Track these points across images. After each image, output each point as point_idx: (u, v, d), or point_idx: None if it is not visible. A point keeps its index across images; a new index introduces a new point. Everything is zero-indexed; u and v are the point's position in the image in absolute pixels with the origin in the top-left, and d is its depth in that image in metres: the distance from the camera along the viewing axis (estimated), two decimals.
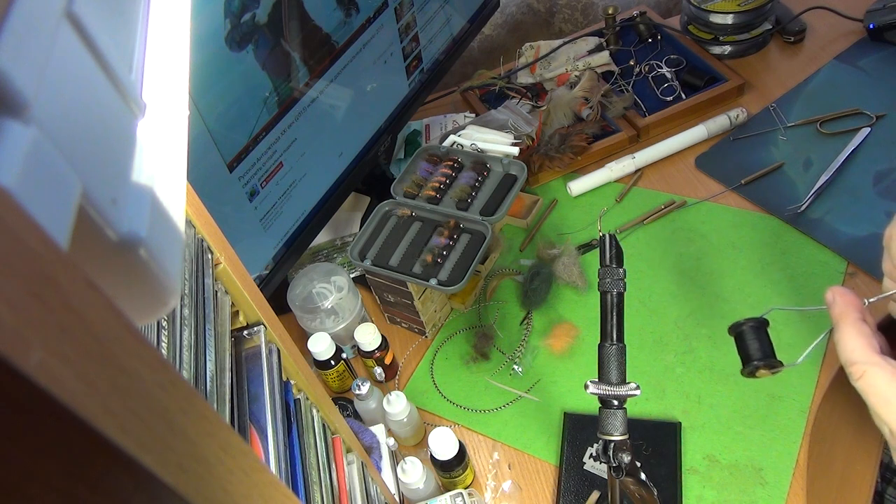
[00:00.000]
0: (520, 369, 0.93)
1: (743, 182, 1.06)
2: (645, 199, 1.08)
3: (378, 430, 0.84)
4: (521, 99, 1.23)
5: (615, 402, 0.59)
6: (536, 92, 1.25)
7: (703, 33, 1.24)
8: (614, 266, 0.60)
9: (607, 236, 0.61)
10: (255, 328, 0.51)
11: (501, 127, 1.10)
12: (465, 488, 0.81)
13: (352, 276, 1.03)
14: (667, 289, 0.97)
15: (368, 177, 1.10)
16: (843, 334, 0.47)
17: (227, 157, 0.77)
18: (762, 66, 1.23)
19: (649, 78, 1.23)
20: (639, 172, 1.12)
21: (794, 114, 1.14)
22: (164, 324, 0.39)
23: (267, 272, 0.89)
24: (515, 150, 0.99)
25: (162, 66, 0.30)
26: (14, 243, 0.14)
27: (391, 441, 0.84)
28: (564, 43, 1.27)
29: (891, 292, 0.51)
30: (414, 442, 0.90)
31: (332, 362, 0.90)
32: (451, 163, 1.00)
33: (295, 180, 0.89)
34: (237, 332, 0.51)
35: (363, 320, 0.96)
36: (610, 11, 1.25)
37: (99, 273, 0.22)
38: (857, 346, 0.47)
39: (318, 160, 0.93)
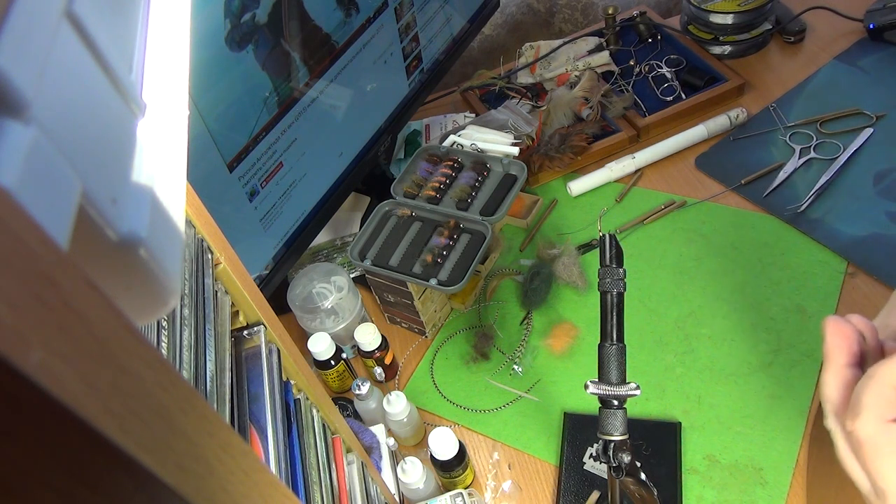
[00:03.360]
0: (520, 369, 0.93)
1: (743, 182, 1.06)
2: (645, 199, 1.08)
3: (378, 430, 0.84)
4: (521, 99, 1.23)
5: (615, 402, 0.60)
6: (536, 92, 1.25)
7: (703, 33, 1.24)
8: (614, 266, 0.60)
9: (607, 236, 0.61)
10: (255, 328, 0.51)
11: (501, 127, 1.10)
12: (465, 488, 0.81)
13: (352, 276, 1.03)
14: (667, 289, 0.97)
15: (368, 177, 1.10)
16: (823, 379, 0.41)
17: (227, 157, 0.77)
18: (762, 66, 1.23)
19: (649, 78, 1.23)
20: (639, 172, 1.12)
21: (794, 114, 1.13)
22: (164, 324, 0.39)
23: (267, 272, 0.89)
24: (515, 150, 0.99)
25: (162, 66, 0.30)
26: (14, 243, 0.14)
27: (391, 441, 0.83)
28: (564, 43, 1.27)
29: None
30: (414, 442, 0.90)
31: (332, 362, 0.90)
32: (451, 163, 1.00)
33: (295, 180, 0.89)
34: (237, 332, 0.51)
35: (363, 320, 0.96)
36: (610, 11, 1.25)
37: (99, 273, 0.22)
38: (828, 397, 0.41)
39: (318, 160, 0.93)
